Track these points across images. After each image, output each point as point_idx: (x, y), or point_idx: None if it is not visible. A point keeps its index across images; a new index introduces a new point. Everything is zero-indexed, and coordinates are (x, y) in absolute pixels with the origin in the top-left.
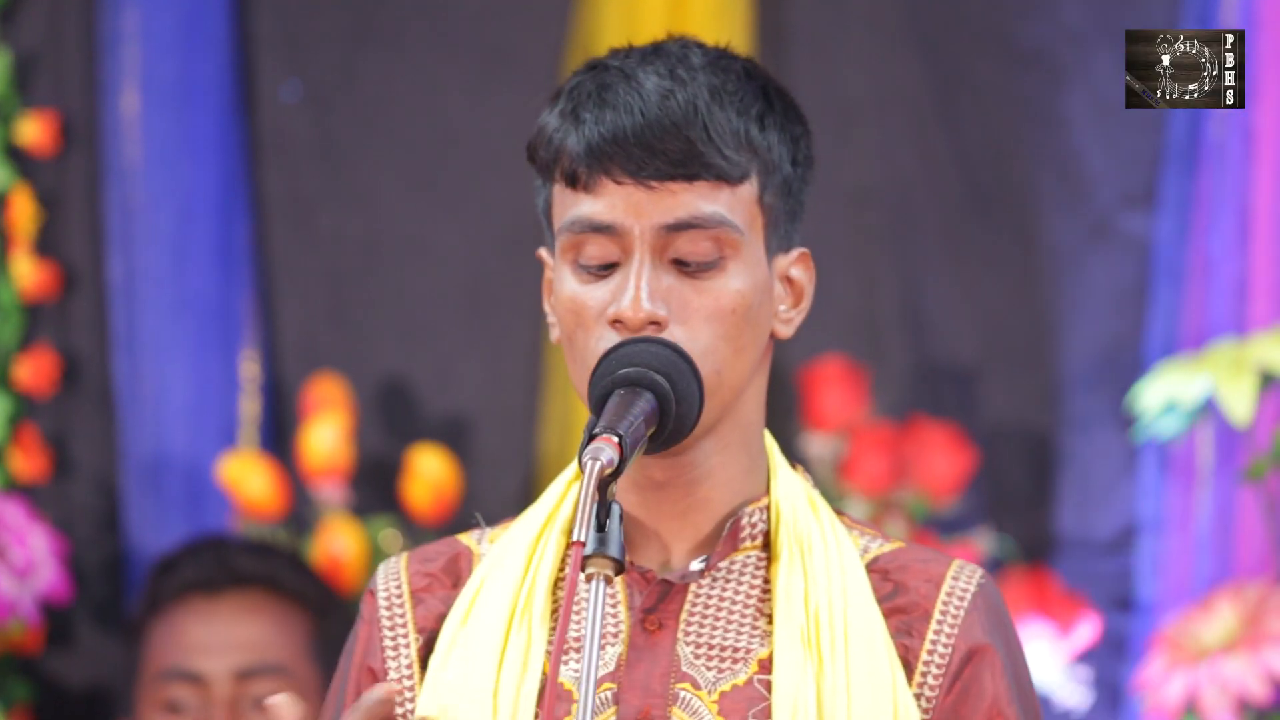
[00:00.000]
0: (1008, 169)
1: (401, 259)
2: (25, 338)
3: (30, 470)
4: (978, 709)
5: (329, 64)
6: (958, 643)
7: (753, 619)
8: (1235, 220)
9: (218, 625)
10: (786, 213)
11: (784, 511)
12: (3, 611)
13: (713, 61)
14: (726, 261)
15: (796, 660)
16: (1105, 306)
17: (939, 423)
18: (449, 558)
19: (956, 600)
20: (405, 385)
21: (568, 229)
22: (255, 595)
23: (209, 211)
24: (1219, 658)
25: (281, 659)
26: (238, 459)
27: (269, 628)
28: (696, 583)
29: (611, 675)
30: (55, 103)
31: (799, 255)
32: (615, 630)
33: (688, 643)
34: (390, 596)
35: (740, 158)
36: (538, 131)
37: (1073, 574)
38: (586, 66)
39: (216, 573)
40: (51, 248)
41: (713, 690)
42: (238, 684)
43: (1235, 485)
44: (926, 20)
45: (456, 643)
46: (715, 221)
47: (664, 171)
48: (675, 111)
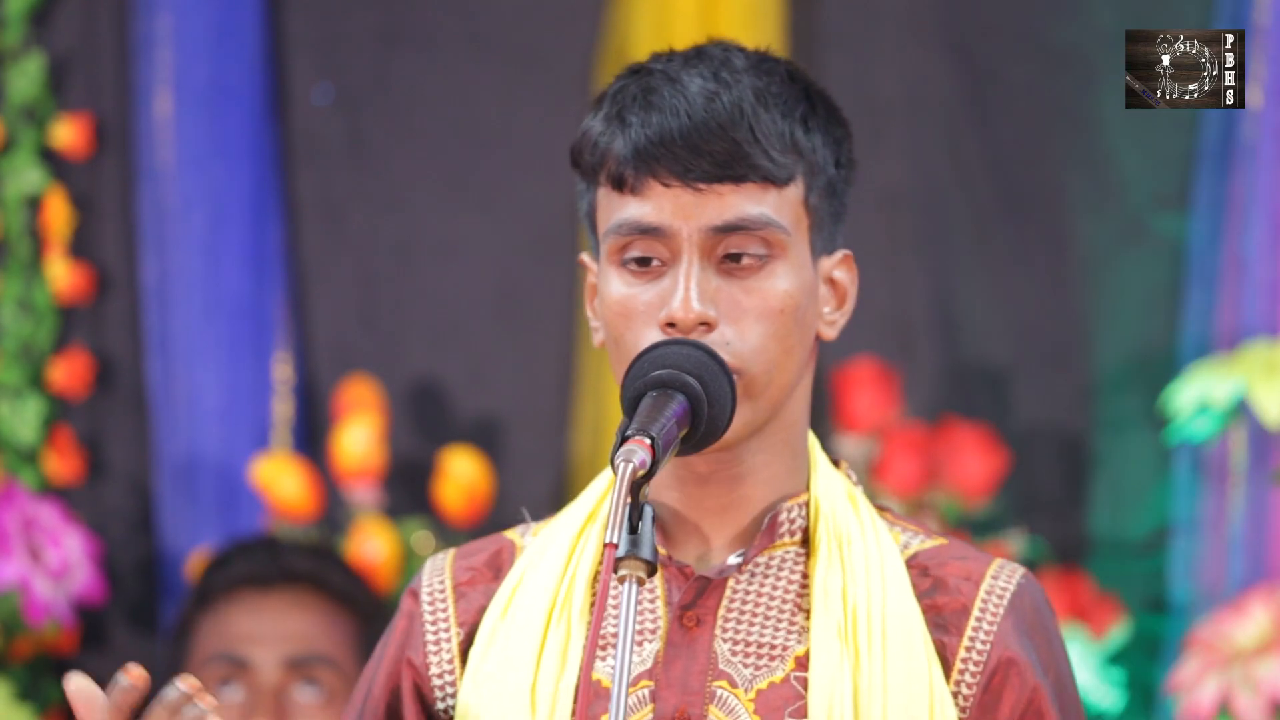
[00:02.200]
0: (1039, 170)
1: (433, 261)
2: (59, 340)
3: (65, 472)
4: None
5: (360, 66)
6: (995, 642)
7: (790, 615)
8: (1269, 222)
9: (267, 616)
10: (831, 214)
11: (823, 507)
12: (38, 613)
13: (755, 64)
14: (774, 262)
15: (833, 657)
16: (1138, 308)
17: (971, 424)
18: (492, 552)
19: (995, 599)
20: (437, 387)
21: (615, 231)
22: (304, 592)
23: (241, 214)
24: (1252, 659)
25: (330, 650)
26: (271, 461)
27: (317, 622)
28: (734, 578)
29: (649, 672)
30: (89, 105)
31: (843, 257)
32: (653, 626)
33: (725, 639)
34: (433, 591)
35: (786, 159)
36: (582, 136)
37: (1106, 575)
38: (629, 71)
39: (268, 569)
40: (85, 250)
41: (749, 688)
42: (285, 673)
43: (1268, 487)
44: (958, 22)
45: (496, 635)
46: (763, 223)
47: (711, 173)
48: (721, 113)
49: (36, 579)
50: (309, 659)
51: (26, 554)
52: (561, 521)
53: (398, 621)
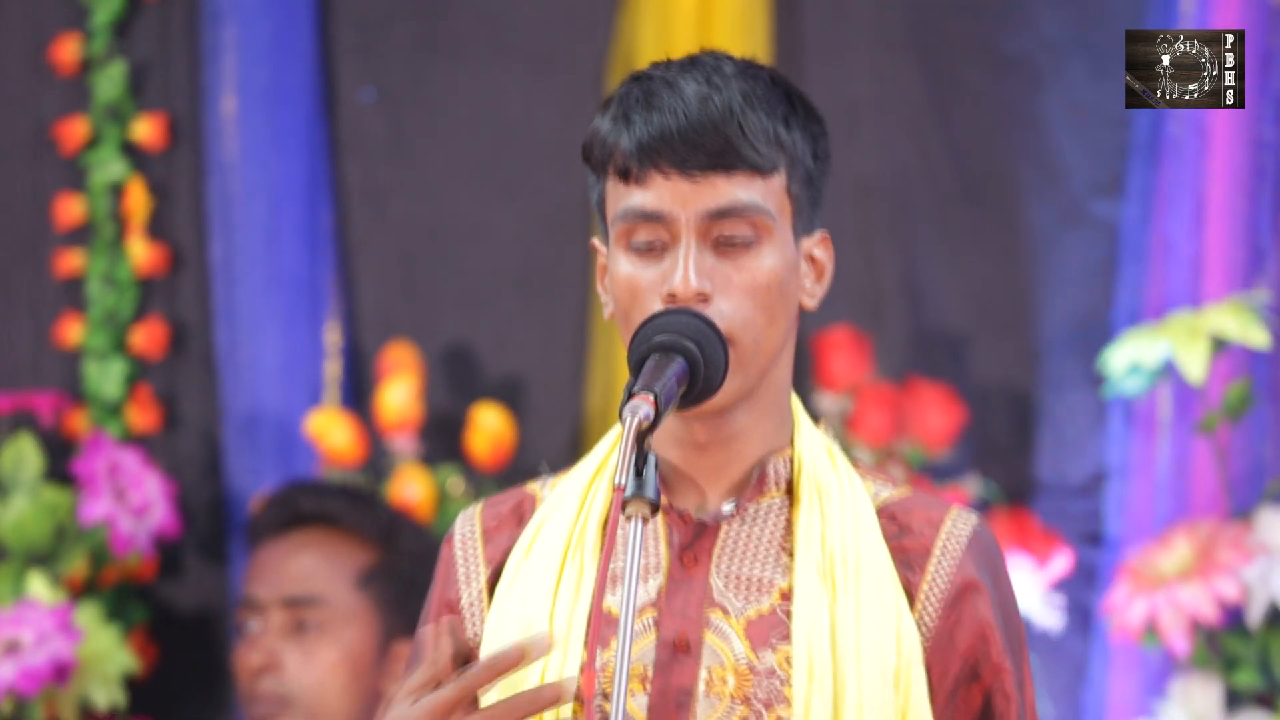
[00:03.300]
0: (993, 162)
1: (464, 241)
2: (139, 309)
3: (144, 424)
4: (969, 633)
5: (400, 71)
6: (954, 577)
7: (776, 555)
8: (1191, 206)
9: (275, 559)
10: (809, 200)
11: (805, 462)
12: (123, 546)
13: (742, 70)
14: (761, 243)
15: (814, 591)
16: (1078, 282)
17: (933, 383)
18: (515, 502)
19: (955, 541)
20: (468, 351)
21: (621, 218)
22: (313, 532)
23: (296, 200)
24: (1175, 585)
25: (324, 589)
26: (322, 415)
27: (318, 560)
28: (728, 523)
29: (653, 603)
30: (164, 105)
31: (821, 237)
32: (656, 564)
33: (719, 575)
34: (464, 537)
35: (770, 152)
36: (591, 134)
37: (1049, 514)
38: (632, 77)
39: (281, 515)
40: (161, 231)
41: (740, 616)
42: (286, 610)
43: (1190, 436)
44: (922, 32)
45: (519, 573)
46: (751, 208)
47: (705, 165)
48: (714, 113)
49: (121, 516)
50: (301, 598)
51: (112, 495)
52: (575, 474)
53: (438, 568)
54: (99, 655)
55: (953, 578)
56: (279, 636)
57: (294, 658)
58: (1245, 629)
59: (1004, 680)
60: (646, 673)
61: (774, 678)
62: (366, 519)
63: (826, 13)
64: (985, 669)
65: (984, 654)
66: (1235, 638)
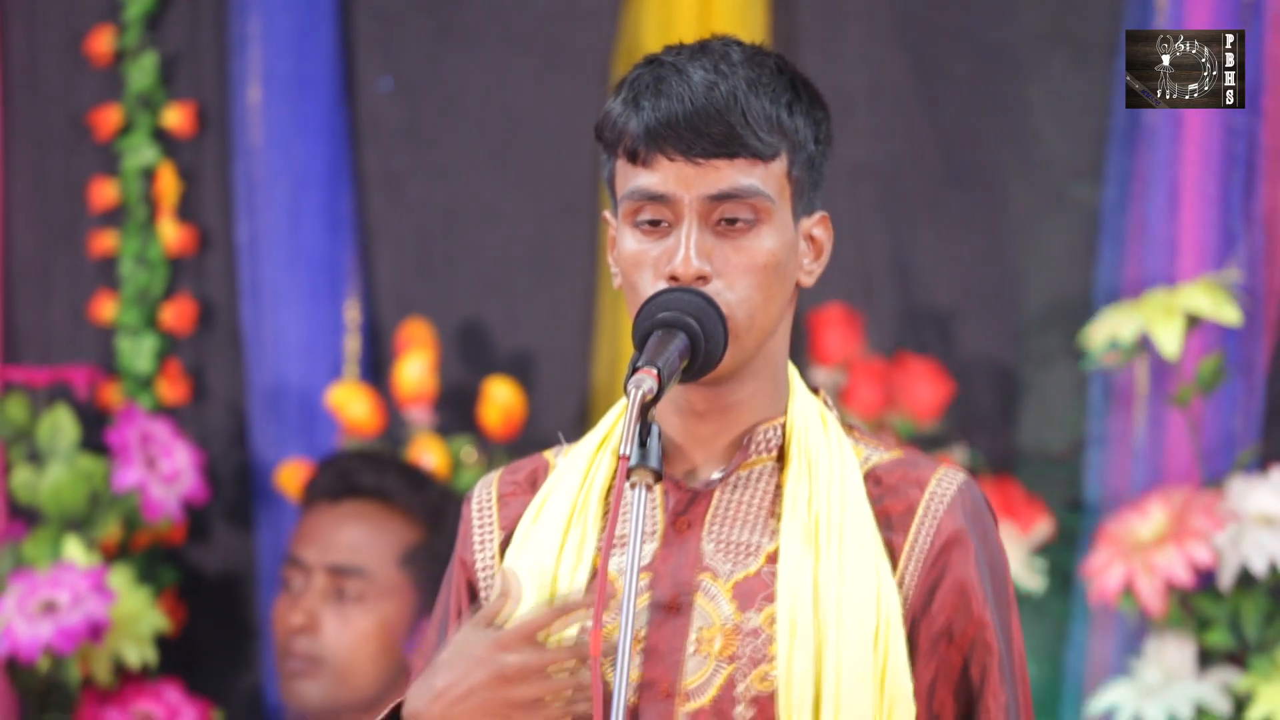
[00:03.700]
0: (978, 148)
1: (477, 222)
2: (169, 288)
3: (174, 396)
4: (951, 589)
5: (417, 61)
6: (936, 534)
7: (764, 520)
8: (1166, 190)
9: (326, 526)
10: (810, 183)
11: (797, 429)
12: (153, 511)
13: (750, 57)
14: (760, 225)
15: (798, 554)
16: (1059, 262)
17: (921, 358)
18: (530, 470)
19: (938, 500)
20: (480, 327)
21: (628, 197)
22: (366, 504)
23: (318, 184)
24: (1151, 549)
25: (368, 562)
26: (343, 388)
27: (367, 533)
28: (719, 489)
29: (648, 566)
30: (193, 94)
31: (820, 217)
32: (653, 530)
33: (710, 540)
34: (481, 502)
35: (772, 139)
36: (604, 115)
37: (1031, 481)
38: (645, 61)
39: (338, 484)
40: (190, 213)
41: (728, 579)
42: (329, 577)
43: (1165, 408)
44: (911, 25)
45: (528, 537)
46: (752, 193)
47: (709, 150)
48: (719, 100)
49: (152, 483)
50: (345, 568)
51: (144, 463)
52: (583, 445)
53: (459, 529)
54: (131, 615)
55: (936, 534)
56: (320, 600)
57: (331, 622)
58: (1217, 591)
59: (985, 634)
60: (640, 633)
61: (759, 637)
62: (417, 499)
63: (820, 7)
64: (967, 623)
65: (965, 609)
66: (1207, 599)
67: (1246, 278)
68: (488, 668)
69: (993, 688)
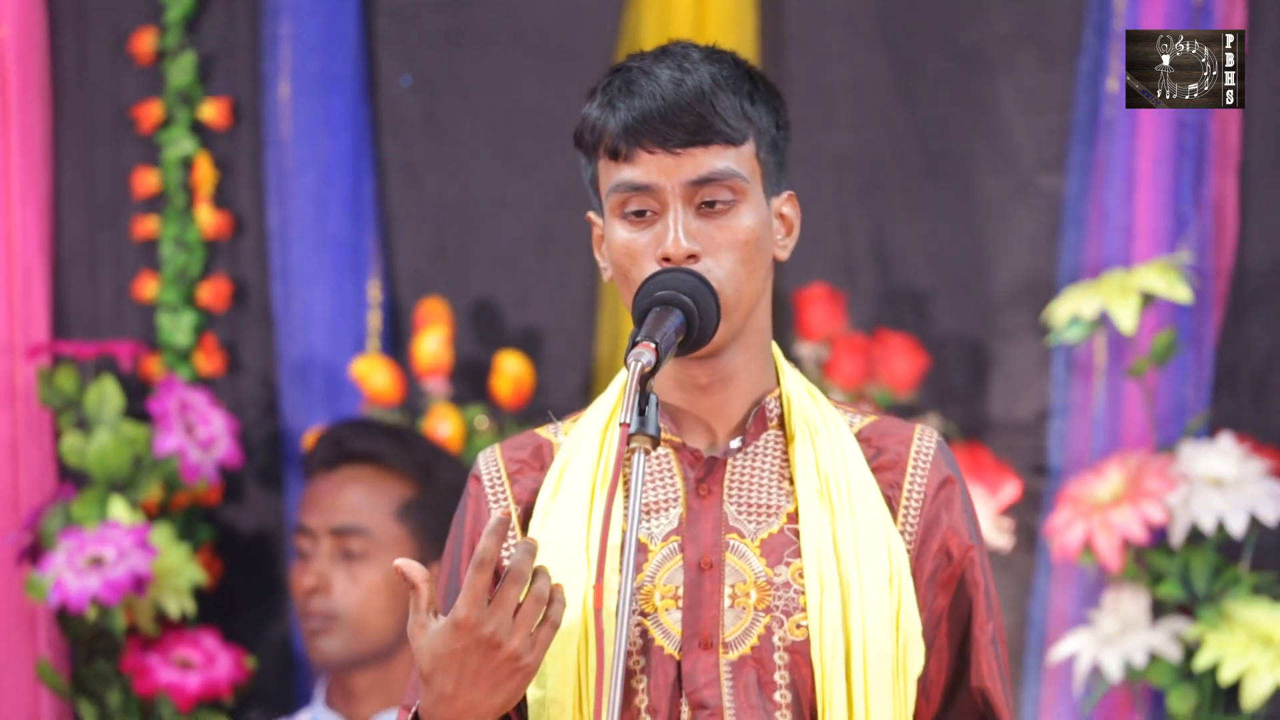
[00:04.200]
0: (951, 140)
1: (489, 209)
2: (206, 268)
3: (210, 368)
4: (945, 527)
5: (433, 60)
6: (928, 482)
7: (779, 483)
8: (1123, 180)
9: (325, 493)
10: (776, 164)
11: (793, 400)
12: (192, 474)
13: (708, 56)
14: (739, 204)
15: (815, 512)
16: (1025, 245)
17: (899, 334)
18: (533, 448)
19: (924, 453)
20: (492, 305)
21: (614, 191)
22: (360, 469)
23: (343, 173)
24: (1109, 509)
25: (368, 521)
26: (365, 361)
27: (364, 494)
28: (734, 457)
29: (676, 530)
30: (228, 91)
31: (788, 196)
32: (675, 497)
33: (731, 503)
34: (492, 477)
35: (740, 125)
36: (581, 121)
37: (999, 448)
38: (613, 70)
39: (333, 452)
40: (225, 200)
41: (754, 538)
42: (334, 539)
43: (1122, 380)
44: (890, 26)
45: (550, 510)
46: (728, 174)
47: (684, 140)
48: (687, 94)
49: (190, 448)
50: (347, 529)
51: (183, 429)
52: (589, 418)
53: (466, 503)
54: (171, 569)
55: (928, 482)
56: (328, 561)
57: (341, 581)
58: (1169, 547)
59: (974, 569)
60: (678, 591)
61: (790, 589)
62: (406, 457)
63: (806, 9)
64: (961, 559)
65: (959, 546)
66: (1160, 555)
67: (1196, 259)
68: (474, 649)
69: (980, 620)
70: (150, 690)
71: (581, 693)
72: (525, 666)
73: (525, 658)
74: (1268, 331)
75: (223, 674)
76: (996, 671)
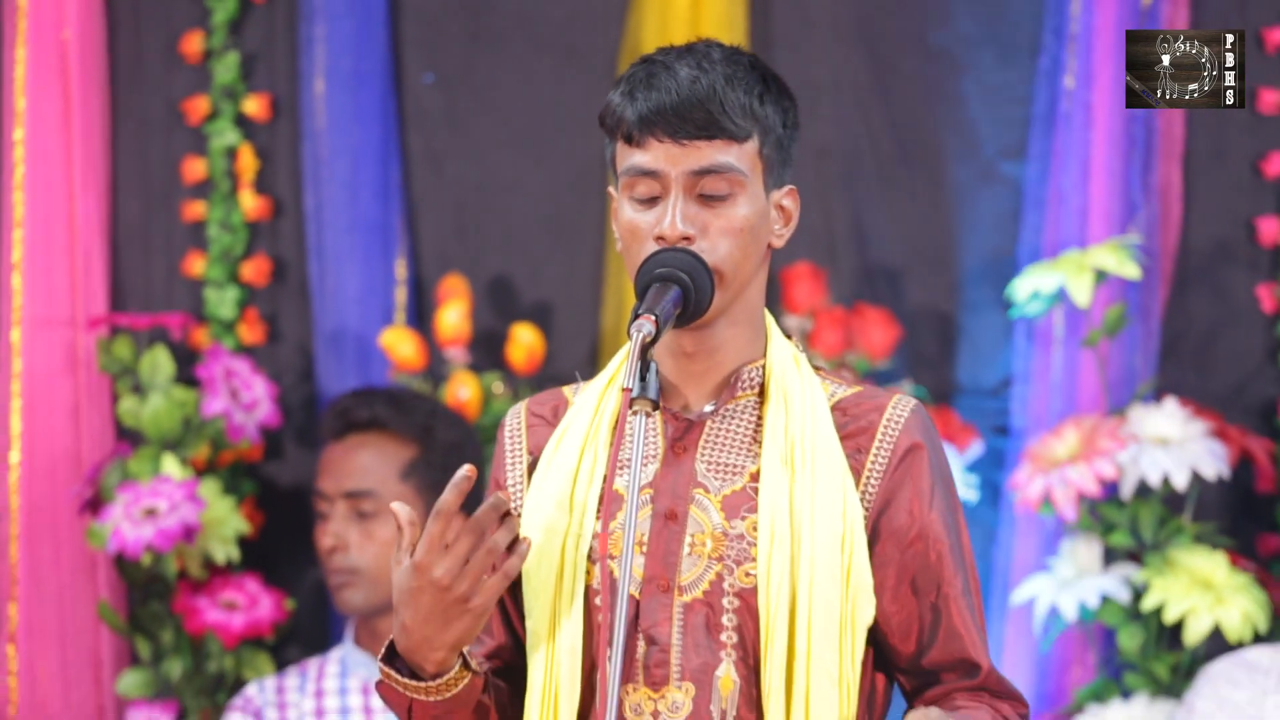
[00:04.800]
0: (922, 131)
1: (504, 194)
2: (249, 248)
3: (253, 338)
4: (909, 491)
5: (454, 60)
6: (895, 448)
7: (748, 445)
8: (1079, 168)
9: (336, 459)
10: (779, 161)
11: (775, 369)
12: (236, 434)
13: (728, 56)
14: (736, 196)
15: (776, 473)
16: (990, 227)
17: (875, 307)
18: (553, 404)
19: (895, 422)
20: (507, 281)
21: (625, 174)
22: (365, 435)
23: (372, 162)
24: (1065, 466)
25: (376, 484)
26: (393, 332)
27: (371, 459)
28: (710, 420)
29: (650, 484)
30: (269, 87)
31: (789, 190)
32: (655, 453)
33: (702, 461)
34: (513, 428)
35: (745, 123)
36: (606, 106)
37: (966, 411)
38: (640, 60)
39: (339, 422)
40: (266, 186)
41: (718, 493)
42: (348, 501)
43: (1078, 349)
44: (867, 28)
45: (550, 463)
46: (728, 168)
47: (691, 133)
48: (700, 92)
49: (234, 411)
50: (358, 492)
51: (228, 394)
52: (594, 383)
53: (496, 450)
54: (218, 520)
55: (894, 448)
56: (344, 522)
57: (357, 539)
58: (1119, 500)
59: (938, 528)
60: (643, 538)
61: (743, 541)
62: (406, 421)
63: (791, 12)
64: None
65: (921, 508)
66: (1111, 507)
67: (1145, 240)
68: (427, 590)
69: (948, 574)
70: (199, 629)
71: (554, 624)
72: (473, 609)
73: (473, 601)
74: (1208, 306)
75: (264, 614)
76: (970, 620)
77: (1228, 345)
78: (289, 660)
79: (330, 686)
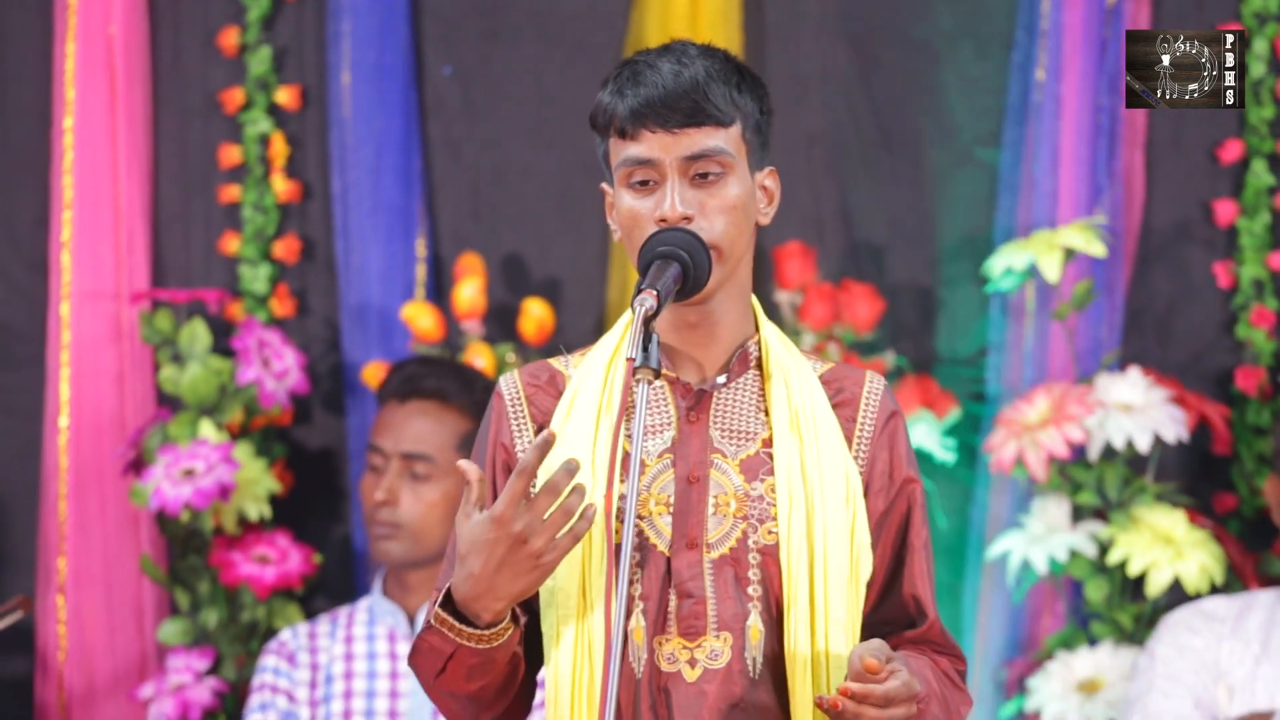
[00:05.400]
0: (904, 119)
1: (518, 178)
2: (280, 228)
3: (283, 311)
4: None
5: (471, 54)
6: (879, 414)
7: (756, 414)
8: (1050, 154)
9: (398, 420)
10: (759, 144)
11: (770, 345)
12: (267, 400)
13: (704, 52)
14: (727, 177)
15: (787, 438)
16: (967, 208)
17: (861, 283)
18: (549, 376)
19: (874, 394)
20: (519, 259)
21: (622, 165)
22: (428, 403)
23: (394, 148)
24: (1037, 430)
25: (433, 449)
26: (413, 306)
27: (431, 426)
28: (719, 391)
29: (669, 449)
30: (299, 79)
31: (769, 171)
32: (669, 422)
33: (716, 428)
34: (512, 396)
35: (728, 109)
36: (596, 106)
37: (945, 379)
38: (621, 63)
39: (406, 387)
40: (296, 171)
41: (735, 458)
42: (403, 461)
43: (1048, 322)
44: (853, 23)
45: (564, 430)
46: (717, 151)
47: (681, 122)
48: (685, 83)
49: (266, 379)
50: (415, 454)
51: (260, 363)
52: (597, 352)
53: (490, 417)
54: (251, 480)
55: (879, 416)
56: (396, 479)
57: (407, 496)
58: (1087, 462)
59: (912, 486)
60: (669, 500)
61: (763, 502)
62: (467, 396)
63: (783, 8)
64: (904, 480)
65: (901, 469)
66: (1079, 468)
67: (1110, 221)
68: (504, 541)
69: (916, 527)
70: (234, 581)
71: (585, 581)
72: (544, 564)
73: (545, 557)
74: (1169, 282)
75: (294, 568)
76: (926, 572)
77: (1186, 318)
78: (317, 610)
79: (359, 633)
